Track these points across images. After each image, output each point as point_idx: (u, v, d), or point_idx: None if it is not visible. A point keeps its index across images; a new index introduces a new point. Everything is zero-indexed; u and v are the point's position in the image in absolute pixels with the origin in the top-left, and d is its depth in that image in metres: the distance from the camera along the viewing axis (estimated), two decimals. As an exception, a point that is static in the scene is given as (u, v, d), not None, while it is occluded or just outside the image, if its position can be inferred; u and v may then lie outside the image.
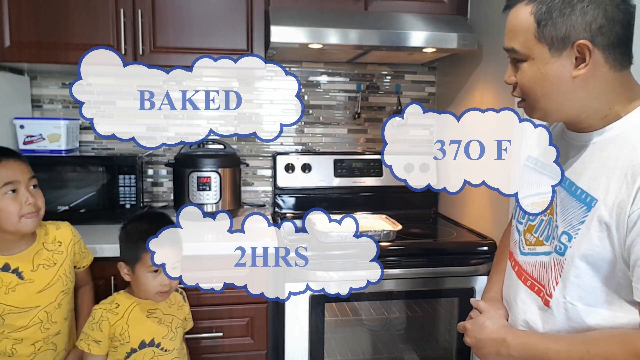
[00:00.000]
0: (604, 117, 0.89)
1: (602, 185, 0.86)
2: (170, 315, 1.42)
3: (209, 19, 1.91)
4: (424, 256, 1.75)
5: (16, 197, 1.23)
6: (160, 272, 1.32)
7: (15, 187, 1.23)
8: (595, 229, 0.86)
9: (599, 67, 0.85)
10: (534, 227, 1.01)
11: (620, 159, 0.85)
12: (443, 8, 2.05)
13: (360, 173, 2.32)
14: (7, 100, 1.97)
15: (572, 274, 0.89)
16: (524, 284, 1.01)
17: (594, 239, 0.86)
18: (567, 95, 0.88)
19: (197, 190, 2.01)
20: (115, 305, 1.33)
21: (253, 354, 1.77)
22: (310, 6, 1.96)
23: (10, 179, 1.22)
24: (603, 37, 0.84)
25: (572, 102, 0.89)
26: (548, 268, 0.95)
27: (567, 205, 0.92)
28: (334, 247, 1.73)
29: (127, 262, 1.34)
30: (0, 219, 1.21)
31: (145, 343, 1.34)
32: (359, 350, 1.81)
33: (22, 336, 1.28)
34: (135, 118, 2.27)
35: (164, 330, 1.39)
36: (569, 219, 0.91)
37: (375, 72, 2.42)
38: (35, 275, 1.30)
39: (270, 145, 2.38)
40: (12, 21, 1.80)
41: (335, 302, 1.74)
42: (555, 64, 0.87)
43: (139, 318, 1.35)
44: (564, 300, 0.91)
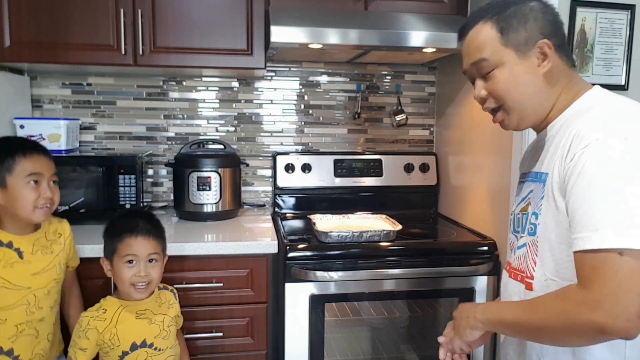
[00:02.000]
0: (559, 110, 1.00)
1: (549, 159, 0.97)
2: (161, 314, 1.42)
3: (209, 19, 1.91)
4: (424, 256, 1.75)
5: (37, 189, 1.31)
6: (136, 264, 1.34)
7: (38, 179, 1.31)
8: (551, 198, 0.93)
9: (557, 64, 0.98)
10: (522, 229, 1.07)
11: (565, 134, 0.94)
12: (443, 8, 2.05)
13: (360, 173, 2.32)
14: (7, 100, 1.97)
15: (545, 249, 0.96)
16: (514, 279, 1.07)
17: (552, 207, 0.93)
18: (540, 91, 0.99)
19: (197, 190, 2.01)
20: (102, 312, 1.34)
21: (253, 354, 1.77)
22: (310, 6, 1.96)
23: (35, 170, 1.31)
24: (555, 39, 0.97)
25: (544, 98, 0.99)
26: (526, 254, 1.02)
27: (536, 192, 1.01)
28: (334, 247, 1.73)
29: (107, 258, 1.36)
30: (17, 204, 1.30)
31: (137, 345, 1.35)
32: (359, 350, 1.81)
33: (6, 316, 1.31)
34: (135, 118, 2.27)
35: (156, 330, 1.39)
36: (535, 201, 1.00)
37: (375, 72, 2.42)
38: (33, 257, 1.36)
39: (270, 145, 2.38)
40: (12, 21, 1.80)
41: (335, 302, 1.74)
42: (524, 64, 0.98)
43: (128, 320, 1.35)
44: (545, 278, 0.96)
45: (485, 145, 1.93)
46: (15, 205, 1.30)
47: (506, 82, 0.99)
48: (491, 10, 1.00)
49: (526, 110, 1.01)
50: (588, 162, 0.85)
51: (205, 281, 1.70)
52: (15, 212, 1.31)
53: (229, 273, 1.72)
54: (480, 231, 1.94)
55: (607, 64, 1.86)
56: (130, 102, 2.26)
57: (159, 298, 1.44)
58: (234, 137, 2.35)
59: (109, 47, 1.86)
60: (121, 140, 2.27)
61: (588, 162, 0.85)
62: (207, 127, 2.33)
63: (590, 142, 0.86)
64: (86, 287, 1.65)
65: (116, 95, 2.25)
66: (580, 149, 0.86)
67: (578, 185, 0.85)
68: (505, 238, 1.74)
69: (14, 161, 1.29)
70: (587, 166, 0.85)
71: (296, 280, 1.67)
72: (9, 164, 1.28)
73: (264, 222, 2.06)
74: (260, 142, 2.37)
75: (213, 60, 1.94)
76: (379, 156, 2.36)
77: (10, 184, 1.29)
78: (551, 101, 1.00)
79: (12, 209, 1.30)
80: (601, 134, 0.85)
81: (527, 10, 0.97)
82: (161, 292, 1.46)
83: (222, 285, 1.71)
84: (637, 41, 1.84)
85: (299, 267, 1.67)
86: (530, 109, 1.01)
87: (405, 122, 2.40)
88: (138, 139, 2.28)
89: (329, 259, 1.70)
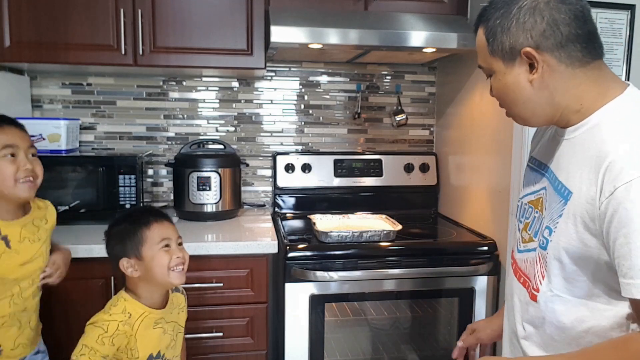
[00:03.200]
0: (577, 112, 0.92)
1: (576, 178, 0.88)
2: (172, 322, 1.36)
3: (209, 19, 1.91)
4: (424, 256, 1.75)
5: (14, 161, 1.24)
6: (171, 246, 1.28)
7: (14, 151, 1.24)
8: (571, 222, 0.87)
9: (554, 68, 0.89)
10: (528, 224, 1.03)
11: (591, 151, 0.87)
12: (443, 8, 2.05)
13: (360, 173, 2.32)
14: (7, 100, 1.97)
15: (554, 266, 0.91)
16: (518, 280, 1.03)
17: (571, 232, 0.87)
18: (533, 99, 0.93)
19: (197, 190, 2.01)
20: (127, 316, 1.25)
21: (253, 354, 1.77)
22: (310, 6, 1.96)
23: (10, 142, 1.24)
24: (548, 41, 0.88)
25: (540, 105, 0.93)
26: (535, 263, 0.97)
27: (551, 199, 0.95)
28: (334, 247, 1.73)
29: (130, 256, 1.27)
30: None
31: (153, 356, 1.29)
32: (359, 350, 1.81)
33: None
34: (135, 118, 2.27)
35: (167, 340, 1.34)
36: (551, 214, 0.93)
37: (375, 72, 2.42)
38: (21, 246, 1.28)
39: (270, 145, 2.38)
40: (12, 21, 1.80)
41: (335, 302, 1.74)
42: (511, 74, 0.93)
43: (147, 331, 1.28)
44: (551, 294, 0.92)
45: (485, 145, 1.93)
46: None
47: (498, 91, 0.97)
48: (487, 11, 0.94)
49: (524, 114, 0.97)
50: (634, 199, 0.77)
51: (205, 281, 1.70)
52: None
53: (229, 273, 1.72)
54: (480, 231, 1.94)
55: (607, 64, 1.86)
56: (130, 102, 2.26)
57: (172, 303, 1.37)
58: (234, 137, 2.35)
59: (109, 47, 1.86)
60: (121, 140, 2.27)
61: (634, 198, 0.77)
62: (207, 127, 2.33)
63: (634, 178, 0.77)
64: (86, 287, 1.65)
65: (116, 95, 2.25)
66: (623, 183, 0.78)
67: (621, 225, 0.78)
68: (505, 238, 1.74)
69: None
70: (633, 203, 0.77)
71: (296, 280, 1.67)
72: None
73: (264, 222, 2.06)
74: (260, 142, 2.37)
75: (213, 60, 1.94)
76: (379, 156, 2.36)
77: None
78: (556, 103, 0.92)
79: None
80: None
81: (513, 12, 0.89)
82: (173, 295, 1.39)
83: (222, 285, 1.72)
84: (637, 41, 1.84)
85: (299, 267, 1.67)
86: (528, 114, 0.96)
87: (405, 122, 2.40)
88: (138, 139, 2.28)
89: (329, 259, 1.70)
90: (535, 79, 0.91)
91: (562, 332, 0.92)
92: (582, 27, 0.88)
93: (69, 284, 1.57)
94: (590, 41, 0.89)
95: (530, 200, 1.04)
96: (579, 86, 0.91)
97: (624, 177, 0.78)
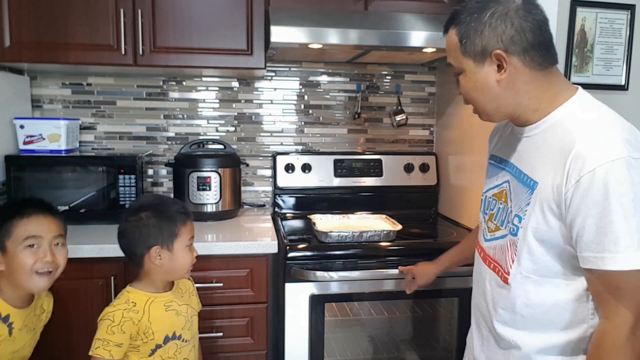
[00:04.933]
0: (535, 111, 1.02)
1: (540, 168, 0.99)
2: (185, 304, 1.39)
3: (209, 19, 1.91)
4: (424, 256, 1.74)
5: (35, 252, 1.23)
6: (191, 247, 1.35)
7: (37, 242, 1.24)
8: (538, 208, 0.97)
9: (519, 70, 0.99)
10: (493, 215, 1.13)
11: (554, 144, 0.97)
12: (443, 8, 2.05)
13: (360, 173, 2.32)
14: (7, 100, 1.97)
15: (524, 251, 1.01)
16: (488, 266, 1.13)
17: (539, 218, 0.97)
18: (499, 97, 1.02)
19: (197, 190, 2.01)
20: (132, 304, 1.28)
21: (253, 354, 1.77)
22: (310, 6, 1.95)
23: (33, 233, 1.23)
24: (516, 45, 0.97)
25: (505, 103, 1.03)
26: (505, 249, 1.07)
27: (517, 191, 1.05)
28: (334, 247, 1.73)
29: (162, 245, 1.29)
30: (15, 271, 1.23)
31: (169, 337, 1.32)
32: (359, 350, 1.81)
33: None
34: (135, 118, 2.27)
35: (182, 321, 1.36)
36: (518, 203, 1.03)
37: (375, 72, 2.42)
38: (19, 335, 1.29)
39: (270, 145, 2.38)
40: (12, 21, 1.80)
41: (335, 302, 1.74)
42: (481, 73, 1.01)
43: (159, 313, 1.31)
44: (521, 276, 1.02)
45: (485, 145, 1.92)
46: (13, 271, 1.23)
47: (467, 88, 1.05)
48: (460, 15, 1.02)
49: (489, 110, 1.06)
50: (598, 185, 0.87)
51: (205, 281, 1.70)
52: (15, 279, 1.24)
53: (229, 273, 1.72)
54: (480, 231, 1.94)
55: (607, 64, 1.86)
56: (130, 102, 2.26)
57: (179, 288, 1.41)
58: (234, 137, 2.35)
59: (109, 47, 1.86)
60: (121, 140, 2.27)
61: (598, 184, 0.87)
62: (207, 127, 2.33)
63: (596, 167, 0.88)
64: (86, 287, 1.65)
65: (116, 95, 2.25)
66: (587, 172, 0.88)
67: (589, 207, 0.89)
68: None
69: (12, 224, 1.22)
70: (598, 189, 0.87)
71: (296, 280, 1.67)
72: (7, 227, 1.22)
73: (264, 222, 2.06)
74: (260, 142, 2.37)
75: (213, 60, 1.94)
76: (379, 156, 2.36)
77: (9, 248, 1.22)
78: (517, 103, 1.02)
79: (11, 276, 1.23)
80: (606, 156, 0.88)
81: (486, 18, 0.98)
82: (179, 282, 1.42)
83: (222, 285, 1.72)
84: (637, 41, 1.84)
85: (299, 267, 1.67)
86: (492, 110, 1.05)
87: (405, 122, 2.40)
88: (138, 139, 2.28)
89: (329, 259, 1.69)
90: (503, 79, 1.00)
91: (532, 309, 1.02)
92: (543, 36, 0.99)
93: (70, 284, 1.58)
94: (548, 48, 1.00)
95: (494, 194, 1.14)
96: (538, 88, 1.00)
97: (588, 166, 0.88)
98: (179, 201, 1.41)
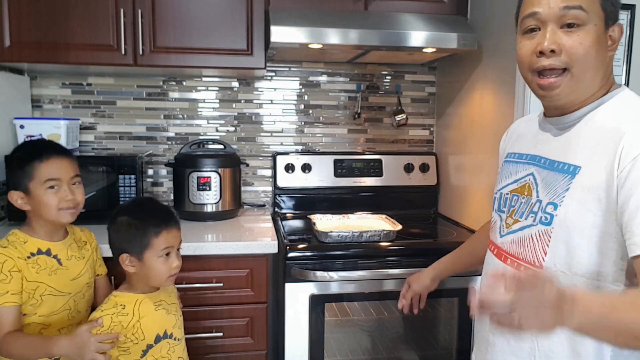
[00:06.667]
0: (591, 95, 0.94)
1: (582, 153, 0.91)
2: (173, 303, 1.40)
3: (209, 19, 1.91)
4: (424, 256, 1.74)
5: (57, 193, 1.33)
6: (170, 256, 1.31)
7: (56, 184, 1.33)
8: (580, 193, 0.89)
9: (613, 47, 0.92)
10: (514, 211, 1.05)
11: (601, 129, 0.90)
12: (443, 8, 2.05)
13: (360, 173, 2.32)
14: (7, 100, 1.97)
15: (560, 240, 0.91)
16: (504, 262, 1.04)
17: (580, 203, 0.88)
18: (602, 73, 0.92)
19: (197, 190, 2.01)
20: (121, 307, 1.28)
21: (253, 354, 1.77)
22: (310, 6, 1.95)
23: (53, 176, 1.32)
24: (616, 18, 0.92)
25: (600, 81, 0.93)
26: (530, 241, 0.97)
27: (550, 180, 0.96)
28: (334, 247, 1.73)
29: (131, 253, 1.29)
30: (41, 209, 1.32)
31: (160, 336, 1.31)
32: (359, 350, 1.81)
33: (51, 321, 1.34)
34: (135, 118, 2.27)
35: (173, 319, 1.36)
36: (552, 190, 0.94)
37: (375, 72, 2.42)
38: (70, 263, 1.39)
39: (270, 145, 2.38)
40: (12, 21, 1.80)
41: (335, 302, 1.74)
42: (605, 37, 0.90)
43: (149, 312, 1.31)
44: (555, 269, 0.92)
45: (485, 145, 1.93)
46: (40, 211, 1.32)
47: (590, 46, 0.89)
48: None
49: (586, 83, 0.93)
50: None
51: (205, 281, 1.70)
52: (43, 216, 1.33)
53: (229, 273, 1.72)
54: (480, 231, 1.94)
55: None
56: (130, 102, 2.26)
57: (165, 289, 1.40)
58: (234, 137, 2.35)
59: (109, 47, 1.86)
60: (121, 140, 2.27)
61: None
62: (207, 127, 2.33)
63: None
64: (86, 287, 1.65)
65: (116, 95, 2.25)
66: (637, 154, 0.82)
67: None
68: (505, 238, 1.74)
69: (32, 167, 1.31)
70: None
71: (296, 280, 1.67)
72: (28, 170, 1.31)
73: (264, 222, 2.06)
74: (260, 142, 2.37)
75: (213, 60, 1.94)
76: (379, 156, 2.36)
77: (32, 190, 1.31)
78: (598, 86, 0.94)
79: (39, 214, 1.33)
80: None
81: None
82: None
83: (222, 285, 1.72)
84: (637, 41, 1.84)
85: (299, 267, 1.67)
86: (589, 84, 0.93)
87: (405, 122, 2.40)
88: (138, 139, 2.28)
89: (329, 259, 1.69)
90: (611, 55, 0.92)
91: None
92: None
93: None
94: None
95: (513, 189, 1.06)
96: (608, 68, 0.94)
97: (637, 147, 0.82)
98: (166, 207, 1.37)
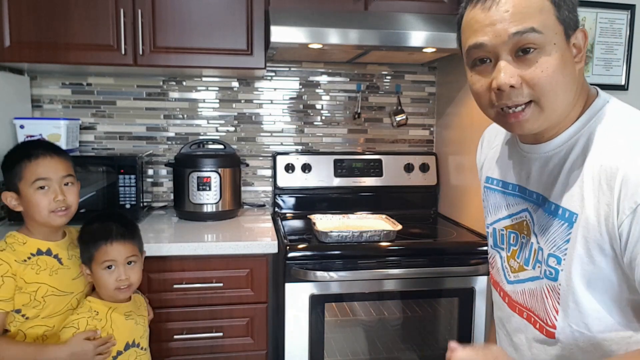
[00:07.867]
0: (565, 117, 0.80)
1: (576, 197, 0.78)
2: (141, 315, 1.45)
3: (209, 19, 1.91)
4: (424, 256, 1.75)
5: (46, 193, 1.29)
6: (116, 269, 1.33)
7: (46, 184, 1.29)
8: (582, 246, 0.77)
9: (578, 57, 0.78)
10: (516, 252, 0.92)
11: (587, 165, 0.77)
12: (443, 8, 2.05)
13: (360, 173, 2.32)
14: (7, 100, 1.97)
15: (570, 299, 0.80)
16: (520, 316, 0.92)
17: (583, 257, 0.77)
18: (574, 91, 0.78)
19: (197, 190, 2.01)
20: (95, 313, 1.33)
21: (253, 354, 1.77)
22: (310, 6, 1.95)
23: (42, 175, 1.29)
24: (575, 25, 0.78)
25: (573, 101, 0.79)
26: (541, 296, 0.86)
27: (546, 224, 0.84)
28: (334, 247, 1.73)
29: (86, 264, 1.35)
30: (32, 211, 1.29)
31: (129, 344, 1.37)
32: (359, 350, 1.81)
33: (54, 322, 1.33)
34: (135, 118, 2.27)
35: (141, 330, 1.43)
36: (552, 240, 0.82)
37: (375, 72, 2.42)
38: (70, 263, 1.37)
39: (270, 145, 2.38)
40: (12, 21, 1.80)
41: (335, 302, 1.74)
42: (567, 51, 0.75)
43: (120, 321, 1.36)
44: (571, 330, 0.81)
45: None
46: (31, 212, 1.30)
47: (552, 72, 0.74)
48: None
49: (558, 110, 0.78)
50: None
51: (205, 281, 1.70)
52: (35, 218, 1.30)
53: (229, 273, 1.72)
54: (480, 231, 1.94)
55: (607, 64, 1.86)
56: (130, 102, 2.26)
57: (135, 301, 1.45)
58: (234, 137, 2.35)
59: (109, 47, 1.86)
60: (121, 140, 2.27)
61: None
62: (207, 127, 2.33)
63: None
64: (86, 287, 1.65)
65: (116, 95, 2.25)
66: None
67: None
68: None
69: (21, 167, 1.28)
70: None
71: (296, 280, 1.67)
72: (17, 170, 1.28)
73: (264, 222, 2.06)
74: (260, 142, 2.37)
75: (213, 60, 1.93)
76: (379, 156, 2.36)
77: (22, 190, 1.28)
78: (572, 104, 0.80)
79: (32, 215, 1.30)
80: None
81: None
82: (135, 296, 1.47)
83: (222, 285, 1.71)
84: (637, 41, 1.84)
85: (299, 267, 1.67)
86: (562, 109, 0.78)
87: (405, 122, 2.40)
88: (138, 139, 2.28)
89: (329, 259, 1.69)
90: (580, 67, 0.76)
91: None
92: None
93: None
94: None
95: (509, 226, 0.93)
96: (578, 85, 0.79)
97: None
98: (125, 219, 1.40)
